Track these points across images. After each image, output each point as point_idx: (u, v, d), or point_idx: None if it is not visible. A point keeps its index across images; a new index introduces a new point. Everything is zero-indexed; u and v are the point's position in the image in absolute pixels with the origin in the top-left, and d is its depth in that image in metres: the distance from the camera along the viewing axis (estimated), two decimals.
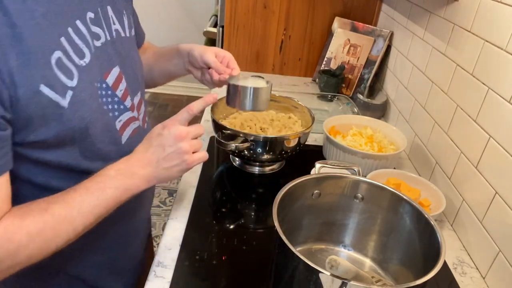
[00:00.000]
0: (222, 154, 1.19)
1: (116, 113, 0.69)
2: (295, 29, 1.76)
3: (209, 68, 0.89)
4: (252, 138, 0.99)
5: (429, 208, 0.94)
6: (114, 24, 0.70)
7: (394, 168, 1.14)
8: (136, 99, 0.76)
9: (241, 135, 0.99)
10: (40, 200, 0.58)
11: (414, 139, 1.23)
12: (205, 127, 1.30)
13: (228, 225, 0.91)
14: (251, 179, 1.10)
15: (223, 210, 0.96)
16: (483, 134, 0.88)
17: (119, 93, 0.69)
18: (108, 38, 0.67)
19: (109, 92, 0.66)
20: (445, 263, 0.85)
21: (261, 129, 1.13)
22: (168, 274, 0.76)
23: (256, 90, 0.83)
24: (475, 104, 0.92)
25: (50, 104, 0.54)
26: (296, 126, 1.16)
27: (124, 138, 0.72)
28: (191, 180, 1.05)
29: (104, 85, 0.65)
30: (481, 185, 0.87)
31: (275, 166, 1.14)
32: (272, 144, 1.01)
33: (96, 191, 0.60)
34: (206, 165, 1.11)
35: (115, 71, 0.68)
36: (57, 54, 0.55)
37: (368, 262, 0.83)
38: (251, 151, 1.01)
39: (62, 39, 0.56)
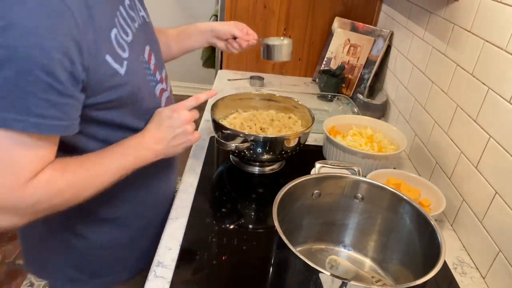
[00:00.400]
0: (222, 154, 1.20)
1: (154, 83, 0.82)
2: (295, 29, 1.76)
3: (234, 38, 1.12)
4: (252, 138, 0.99)
5: (429, 208, 0.94)
6: (140, 11, 0.83)
7: (394, 168, 1.14)
8: (163, 74, 0.89)
9: (241, 135, 0.99)
10: (77, 157, 0.69)
11: (414, 139, 1.23)
12: (205, 127, 1.31)
13: (228, 225, 0.91)
14: (251, 179, 1.10)
15: (223, 210, 0.97)
16: (483, 134, 0.88)
17: (152, 67, 0.82)
18: (140, 22, 0.80)
19: (147, 66, 0.79)
20: (445, 263, 0.85)
21: (261, 129, 1.13)
22: (168, 274, 0.76)
23: (280, 46, 1.17)
24: (475, 104, 0.92)
25: (112, 71, 0.66)
26: (296, 126, 1.16)
27: (162, 104, 0.85)
28: (191, 180, 1.05)
29: (144, 60, 0.78)
30: (481, 185, 0.87)
31: (275, 166, 1.14)
32: (272, 144, 1.01)
33: (120, 157, 0.73)
34: (206, 165, 1.12)
35: (147, 49, 0.81)
36: (114, 31, 0.67)
37: (368, 262, 0.83)
38: (251, 151, 1.01)
39: (116, 20, 0.69)
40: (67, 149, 0.69)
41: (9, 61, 0.53)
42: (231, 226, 0.91)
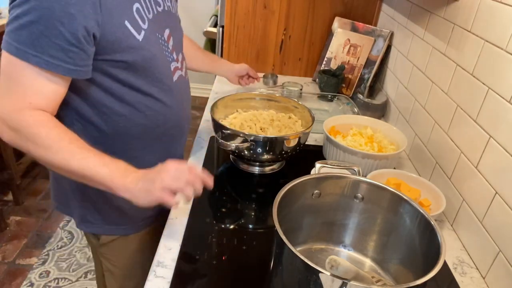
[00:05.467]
0: (222, 154, 1.20)
1: (169, 59, 0.92)
2: (295, 29, 1.76)
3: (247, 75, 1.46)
4: (252, 138, 0.99)
5: (429, 208, 0.94)
6: (167, 1, 0.94)
7: (394, 168, 1.14)
8: (180, 56, 0.99)
9: (241, 135, 0.99)
10: (72, 134, 0.76)
11: (414, 139, 1.23)
12: (205, 127, 1.31)
13: (228, 225, 0.91)
14: (251, 179, 1.10)
15: (223, 210, 0.96)
16: (483, 134, 0.88)
17: (170, 46, 0.93)
18: (166, 8, 0.92)
19: (165, 43, 0.91)
20: (445, 263, 0.85)
21: (261, 129, 1.13)
22: (168, 274, 0.76)
23: None
24: (475, 104, 0.92)
25: (130, 35, 0.78)
26: (296, 126, 1.16)
27: (174, 78, 0.95)
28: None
29: (162, 38, 0.89)
30: (481, 185, 0.87)
31: (275, 166, 1.14)
32: (272, 144, 1.01)
33: (97, 160, 0.75)
34: (206, 165, 1.11)
35: (167, 31, 0.92)
36: (137, 5, 0.81)
37: (368, 262, 0.83)
38: (251, 151, 1.01)
39: None
40: (82, 97, 0.82)
41: (35, 9, 0.67)
42: (231, 226, 0.91)
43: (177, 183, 0.74)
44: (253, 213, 0.97)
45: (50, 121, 0.75)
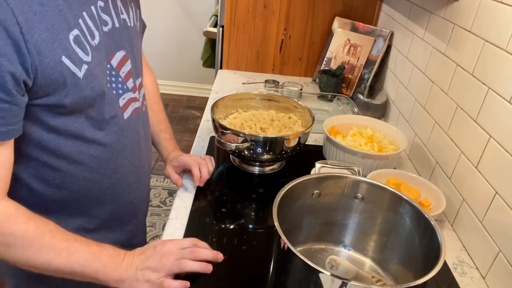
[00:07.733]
0: (222, 154, 1.20)
1: (120, 91, 0.77)
2: (295, 29, 1.76)
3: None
4: (252, 138, 0.99)
5: (429, 208, 0.94)
6: (122, 14, 0.78)
7: (394, 168, 1.14)
8: (138, 82, 0.84)
9: (241, 135, 0.99)
10: (49, 222, 0.64)
11: (414, 139, 1.23)
12: (205, 127, 1.31)
13: (228, 225, 0.91)
14: (251, 179, 1.10)
15: (223, 210, 0.96)
16: (483, 134, 0.88)
17: (122, 74, 0.77)
18: (116, 25, 0.75)
19: (113, 73, 0.75)
20: (445, 263, 0.85)
21: (261, 129, 1.13)
22: None
23: None
24: (475, 104, 0.92)
25: (69, 73, 0.63)
26: (296, 126, 1.16)
27: (126, 114, 0.80)
28: (191, 180, 1.05)
29: (109, 66, 0.73)
30: (481, 185, 0.87)
31: (275, 166, 1.14)
32: (272, 144, 1.01)
33: (89, 260, 0.65)
34: None
35: (120, 54, 0.76)
36: (74, 32, 0.64)
37: (368, 262, 0.83)
38: (251, 151, 1.01)
39: (80, 21, 0.65)
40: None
41: None
42: (231, 226, 0.91)
43: (184, 264, 0.70)
44: (253, 213, 0.97)
45: (21, 211, 0.61)
